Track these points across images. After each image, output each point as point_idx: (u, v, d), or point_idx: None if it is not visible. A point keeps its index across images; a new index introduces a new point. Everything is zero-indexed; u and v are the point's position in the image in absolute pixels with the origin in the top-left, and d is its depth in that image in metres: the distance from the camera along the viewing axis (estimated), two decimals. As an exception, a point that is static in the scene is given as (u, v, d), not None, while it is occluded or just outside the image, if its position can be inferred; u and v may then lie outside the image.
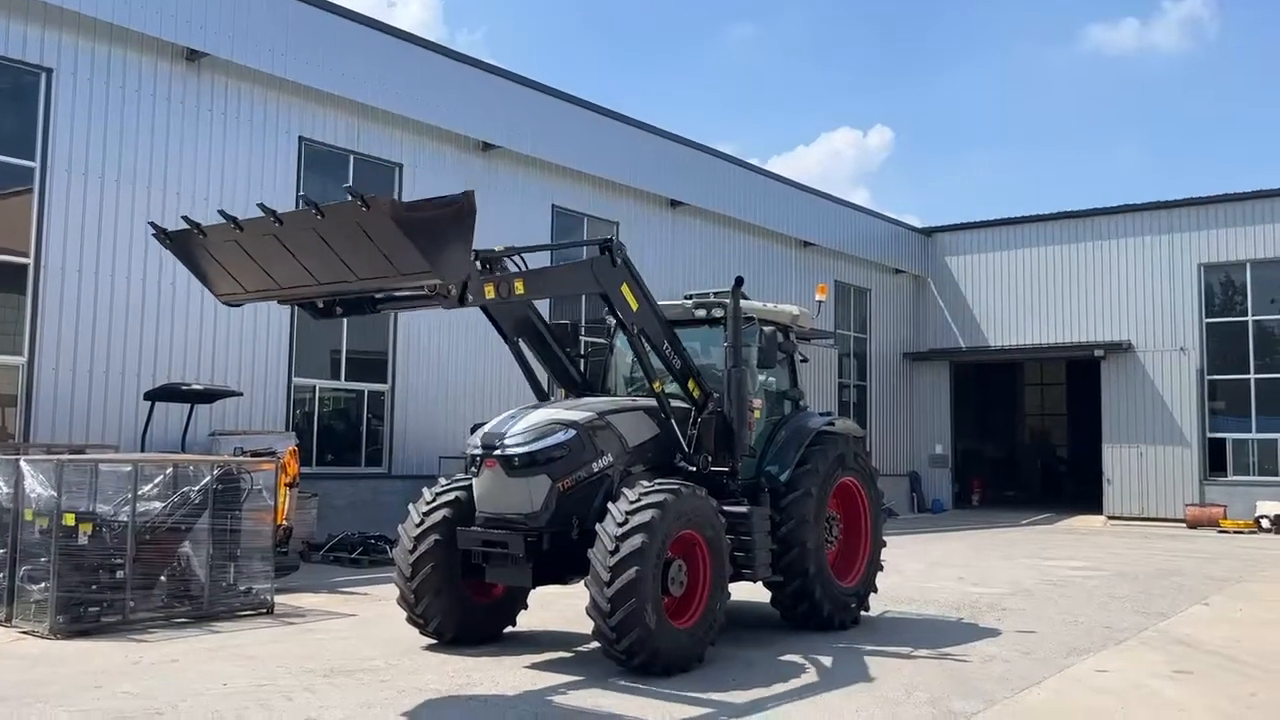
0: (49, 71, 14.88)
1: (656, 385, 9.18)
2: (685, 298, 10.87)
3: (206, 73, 16.56)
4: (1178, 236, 29.35)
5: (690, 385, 9.49)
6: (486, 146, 20.47)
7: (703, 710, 7.17)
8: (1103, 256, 30.49)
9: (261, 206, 6.92)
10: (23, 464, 10.36)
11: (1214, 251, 28.90)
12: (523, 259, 9.05)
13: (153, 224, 7.89)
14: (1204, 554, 19.92)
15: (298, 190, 17.58)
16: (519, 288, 7.96)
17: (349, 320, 18.44)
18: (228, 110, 16.82)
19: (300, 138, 17.76)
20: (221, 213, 7.27)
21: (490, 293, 7.66)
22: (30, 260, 14.65)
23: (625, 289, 8.94)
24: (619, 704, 7.33)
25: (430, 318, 18.40)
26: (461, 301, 7.27)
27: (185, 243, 7.54)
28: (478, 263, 8.18)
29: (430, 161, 19.61)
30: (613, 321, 9.78)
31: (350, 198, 6.42)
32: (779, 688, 7.89)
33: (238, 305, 8.33)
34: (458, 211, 6.85)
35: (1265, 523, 26.03)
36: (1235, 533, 25.78)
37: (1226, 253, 28.75)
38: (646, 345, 9.20)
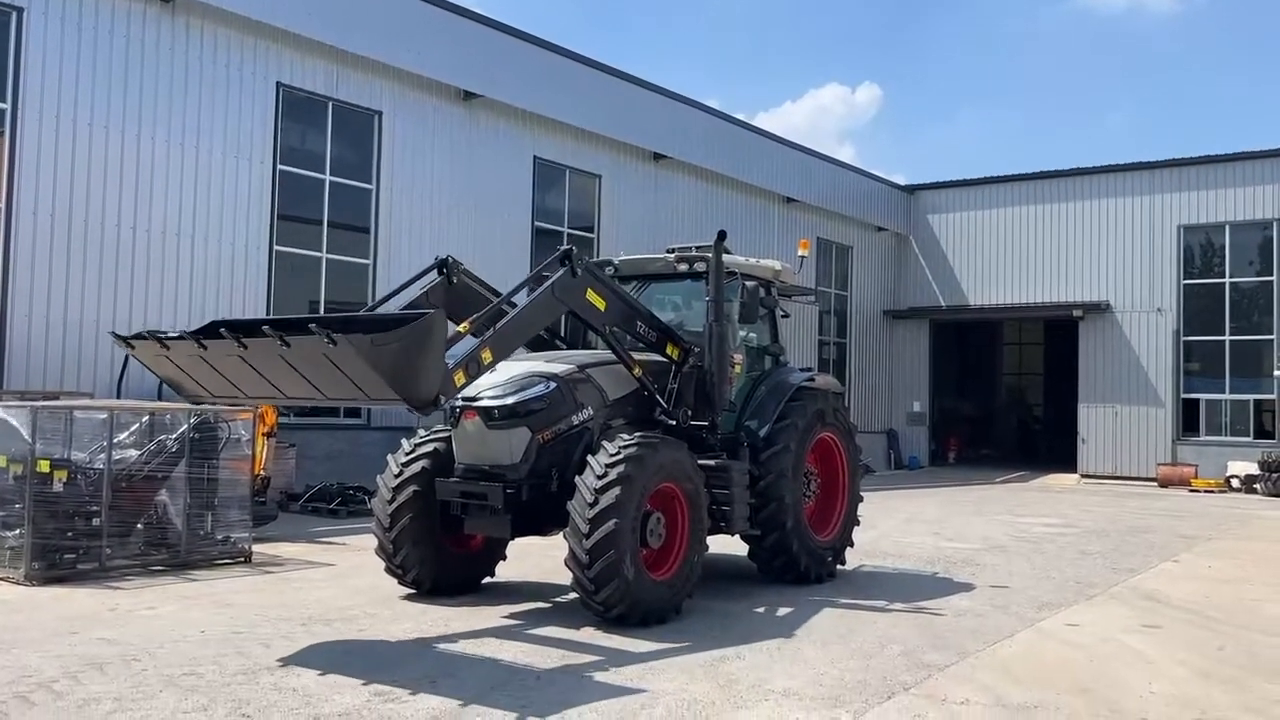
0: (19, 11, 14.53)
1: (636, 371, 9.12)
2: (667, 251, 10.81)
3: (181, 15, 16.21)
4: (1158, 198, 29.41)
5: (669, 349, 9.46)
6: (468, 95, 20.19)
7: (680, 661, 7.23)
8: (1083, 217, 30.54)
9: (225, 330, 6.77)
10: (-3, 410, 10.27)
11: (1194, 213, 28.99)
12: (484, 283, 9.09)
13: (114, 333, 7.76)
14: (1175, 512, 20.19)
15: (275, 138, 17.34)
16: (487, 357, 7.74)
17: (328, 271, 18.32)
18: (203, 54, 16.49)
19: (278, 83, 17.45)
20: (184, 333, 7.13)
21: (461, 380, 7.46)
22: (1, 204, 14.39)
23: (590, 294, 8.68)
24: (597, 655, 7.38)
25: (413, 269, 18.25)
26: (435, 405, 7.11)
27: (147, 350, 7.40)
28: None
29: (410, 110, 19.34)
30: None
31: (317, 332, 6.32)
32: (755, 639, 7.96)
33: (199, 405, 8.27)
34: (425, 334, 6.66)
35: (1235, 482, 26.40)
36: (1206, 492, 26.13)
37: (1206, 214, 28.85)
38: (620, 333, 9.12)
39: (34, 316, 14.52)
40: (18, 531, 9.80)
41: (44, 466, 9.74)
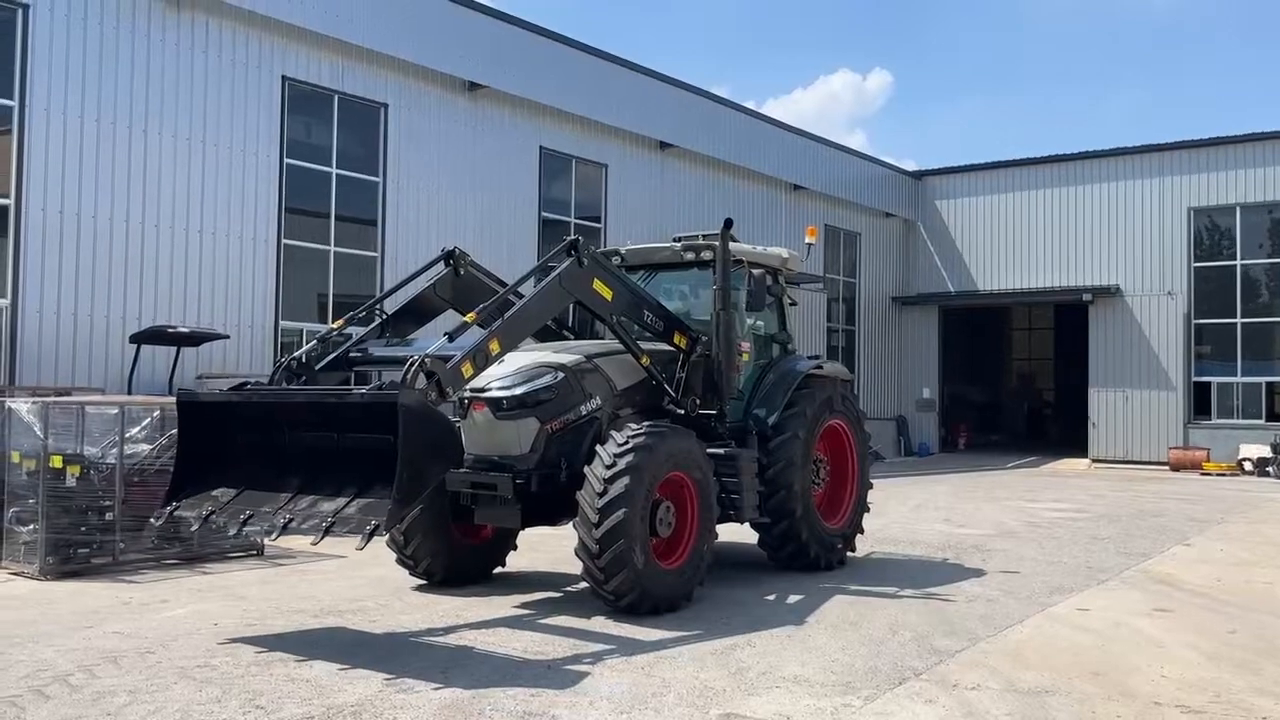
0: (26, 7, 14.55)
1: (644, 360, 9.11)
2: (674, 240, 10.79)
3: (187, 10, 16.21)
4: (1168, 180, 29.25)
5: (676, 338, 9.45)
6: (473, 86, 20.17)
7: (691, 649, 7.25)
8: (1093, 200, 30.39)
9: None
10: (9, 406, 10.32)
11: (1204, 195, 28.82)
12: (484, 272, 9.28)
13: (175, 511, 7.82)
14: (1186, 496, 20.14)
15: (282, 131, 17.35)
16: (494, 348, 7.74)
17: (337, 263, 18.35)
18: (209, 49, 16.50)
19: (284, 77, 17.45)
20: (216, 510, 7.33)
21: (468, 371, 7.50)
22: (11, 201, 14.44)
23: (597, 284, 8.65)
24: (608, 644, 7.40)
25: (420, 261, 18.30)
26: (444, 398, 7.23)
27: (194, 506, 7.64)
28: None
29: (416, 102, 19.33)
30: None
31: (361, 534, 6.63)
32: (765, 627, 7.97)
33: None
34: (413, 419, 6.70)
35: (1248, 465, 26.29)
36: (1218, 475, 26.05)
37: (1216, 196, 28.68)
38: (627, 322, 9.11)
39: (44, 313, 14.58)
40: (32, 527, 9.86)
41: (57, 462, 9.80)
